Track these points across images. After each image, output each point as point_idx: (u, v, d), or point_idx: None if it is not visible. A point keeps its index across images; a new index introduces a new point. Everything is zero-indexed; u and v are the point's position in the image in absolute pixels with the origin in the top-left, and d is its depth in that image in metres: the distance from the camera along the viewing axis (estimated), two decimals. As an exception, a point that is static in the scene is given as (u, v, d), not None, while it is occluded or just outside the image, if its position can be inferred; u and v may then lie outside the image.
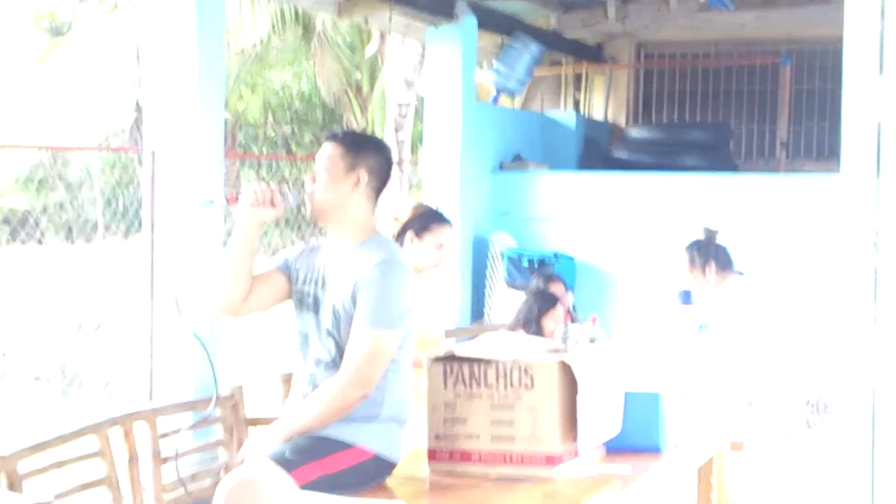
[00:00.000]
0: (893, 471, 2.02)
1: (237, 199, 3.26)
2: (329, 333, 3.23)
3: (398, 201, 12.55)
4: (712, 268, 5.45)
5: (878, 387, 2.02)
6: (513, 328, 5.41)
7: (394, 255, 3.27)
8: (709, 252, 5.50)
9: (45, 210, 19.54)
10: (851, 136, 1.94)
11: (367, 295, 3.15)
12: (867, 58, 1.89)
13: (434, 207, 4.99)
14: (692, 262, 5.51)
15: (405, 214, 4.76)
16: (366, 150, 3.33)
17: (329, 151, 3.30)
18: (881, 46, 1.90)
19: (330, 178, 3.27)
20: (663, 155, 9.23)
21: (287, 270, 3.36)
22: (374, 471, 3.17)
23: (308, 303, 3.30)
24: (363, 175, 3.30)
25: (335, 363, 3.19)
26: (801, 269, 6.13)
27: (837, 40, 1.99)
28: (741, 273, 5.55)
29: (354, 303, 3.17)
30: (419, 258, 4.56)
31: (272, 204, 3.24)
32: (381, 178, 3.37)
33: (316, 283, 3.30)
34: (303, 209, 3.47)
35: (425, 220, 4.63)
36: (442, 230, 4.62)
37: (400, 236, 4.64)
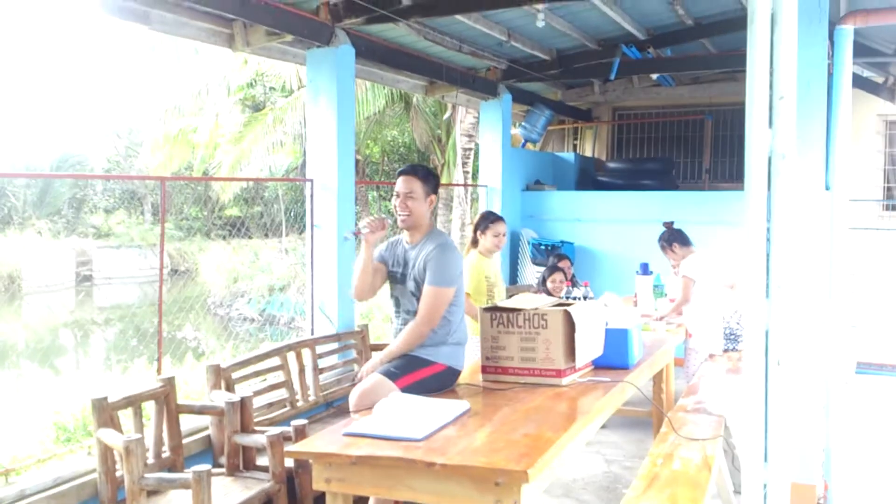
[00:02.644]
0: (777, 378, 1.95)
1: (360, 231, 3.17)
2: (413, 294, 3.21)
3: (466, 210, 12.52)
4: (677, 246, 5.31)
5: (770, 326, 1.95)
6: (537, 290, 5.34)
7: (447, 241, 3.22)
8: (672, 237, 5.36)
9: (251, 217, 19.84)
10: (752, 165, 1.86)
11: (431, 266, 3.12)
12: (761, 116, 1.81)
13: (488, 210, 4.92)
14: (665, 247, 5.37)
15: (474, 220, 4.71)
16: (433, 181, 3.28)
17: (413, 183, 3.22)
18: (770, 109, 1.82)
19: (416, 201, 3.23)
20: (630, 179, 9.06)
21: (383, 261, 3.31)
22: (447, 378, 3.15)
23: (397, 278, 3.27)
24: (434, 199, 3.29)
25: (415, 312, 3.17)
26: (722, 250, 5.95)
27: (741, 104, 1.91)
28: (694, 247, 5.38)
29: (425, 272, 3.15)
30: (484, 245, 4.51)
31: (382, 227, 3.18)
32: (437, 195, 3.32)
33: (401, 265, 3.27)
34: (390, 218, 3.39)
35: (484, 220, 4.58)
36: (495, 225, 4.54)
37: (473, 234, 4.60)
